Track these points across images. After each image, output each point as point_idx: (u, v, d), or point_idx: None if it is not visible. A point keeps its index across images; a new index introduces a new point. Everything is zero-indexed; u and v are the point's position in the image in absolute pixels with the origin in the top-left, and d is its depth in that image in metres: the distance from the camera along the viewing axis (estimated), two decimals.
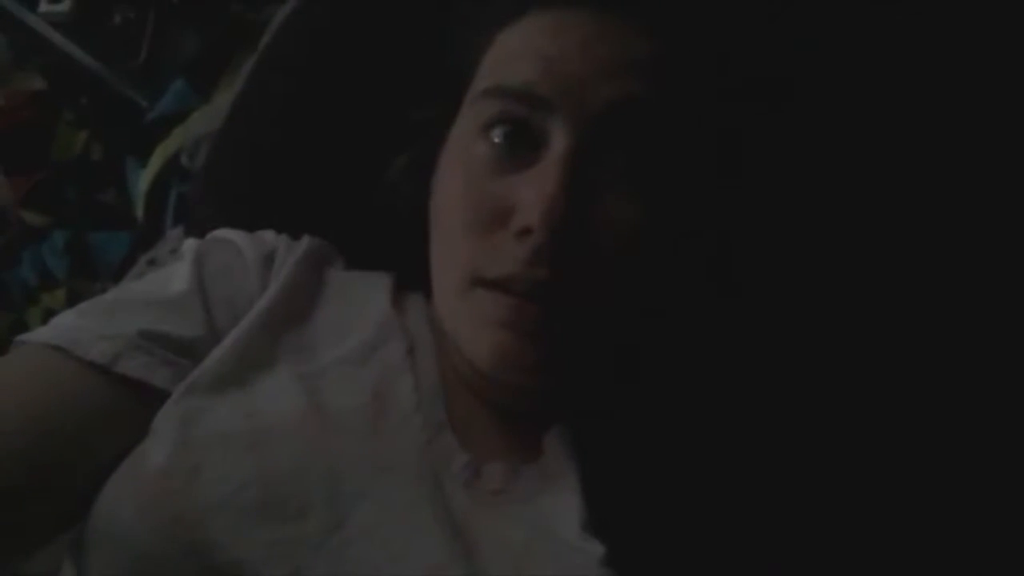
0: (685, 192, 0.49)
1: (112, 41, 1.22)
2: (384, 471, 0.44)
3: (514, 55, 0.48)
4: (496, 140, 0.47)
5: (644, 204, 0.46)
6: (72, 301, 1.25)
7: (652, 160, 0.47)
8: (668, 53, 0.47)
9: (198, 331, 0.48)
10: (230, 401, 0.45)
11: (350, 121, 0.65)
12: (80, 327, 0.46)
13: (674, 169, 0.47)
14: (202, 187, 0.74)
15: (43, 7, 1.24)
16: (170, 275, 0.52)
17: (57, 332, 0.45)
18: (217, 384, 0.45)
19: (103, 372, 0.44)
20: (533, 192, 0.44)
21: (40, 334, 0.46)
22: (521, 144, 0.46)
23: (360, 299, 0.55)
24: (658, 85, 0.46)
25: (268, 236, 0.56)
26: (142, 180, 1.03)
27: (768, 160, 0.56)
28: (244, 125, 0.71)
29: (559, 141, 0.45)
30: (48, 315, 1.26)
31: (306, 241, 0.56)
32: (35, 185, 1.38)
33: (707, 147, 0.50)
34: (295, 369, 0.48)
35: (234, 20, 1.14)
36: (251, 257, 0.53)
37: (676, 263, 0.50)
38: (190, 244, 0.54)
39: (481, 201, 0.47)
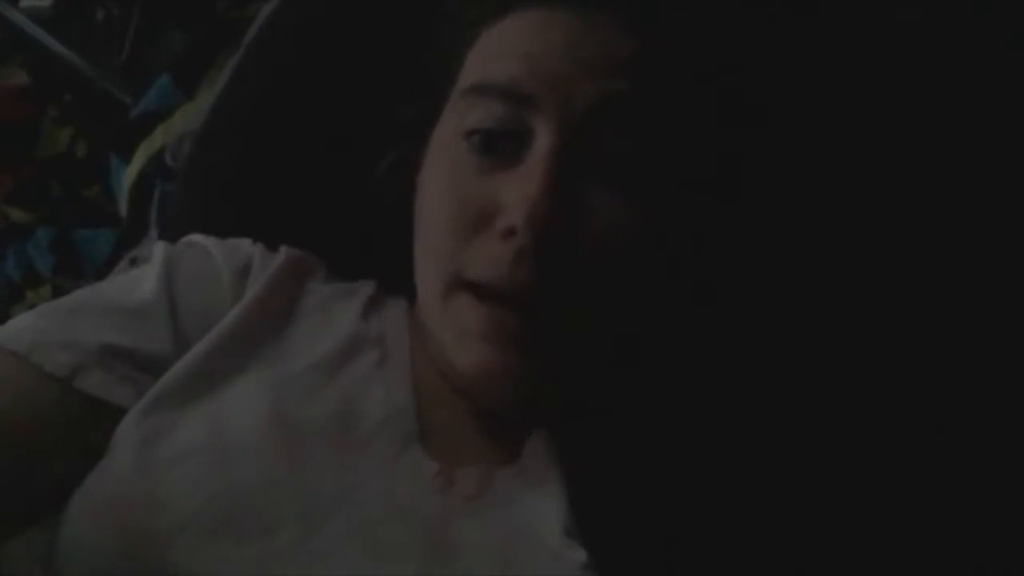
0: (671, 191, 0.48)
1: (95, 37, 1.21)
2: (354, 484, 0.43)
3: (499, 52, 0.48)
4: (479, 140, 0.46)
5: (630, 204, 0.46)
6: (57, 298, 1.24)
7: (637, 159, 0.46)
8: (653, 52, 0.46)
9: (162, 344, 0.47)
10: (194, 416, 0.43)
11: (334, 120, 0.64)
12: (40, 331, 0.44)
13: (659, 168, 0.47)
14: (181, 186, 0.73)
15: (25, 2, 1.22)
16: (137, 280, 0.50)
17: (15, 335, 0.44)
18: (181, 398, 0.44)
19: (61, 383, 0.43)
20: (517, 192, 0.44)
21: None
22: (506, 143, 0.46)
23: (335, 311, 0.53)
24: (643, 83, 0.46)
25: (244, 245, 0.54)
26: (125, 177, 1.02)
27: (756, 158, 0.55)
28: (226, 123, 0.70)
29: (544, 139, 0.45)
30: None
31: (284, 253, 0.54)
32: (20, 182, 1.36)
33: (692, 145, 0.49)
34: (263, 383, 0.46)
35: (219, 17, 1.13)
36: (225, 266, 0.51)
37: (662, 264, 0.49)
38: (160, 248, 0.52)
39: (465, 201, 0.46)
